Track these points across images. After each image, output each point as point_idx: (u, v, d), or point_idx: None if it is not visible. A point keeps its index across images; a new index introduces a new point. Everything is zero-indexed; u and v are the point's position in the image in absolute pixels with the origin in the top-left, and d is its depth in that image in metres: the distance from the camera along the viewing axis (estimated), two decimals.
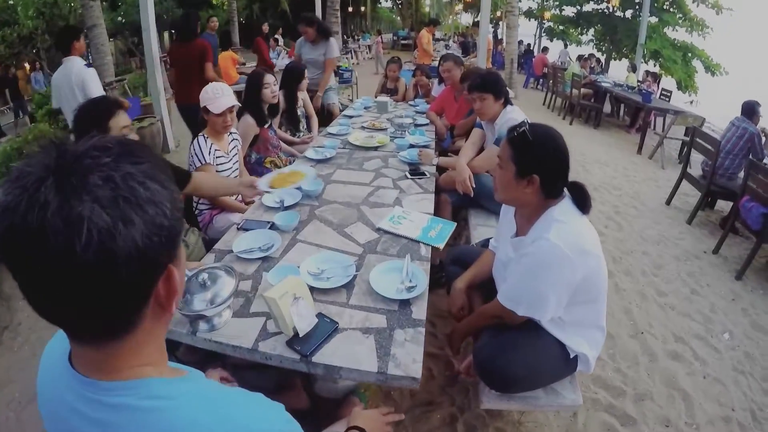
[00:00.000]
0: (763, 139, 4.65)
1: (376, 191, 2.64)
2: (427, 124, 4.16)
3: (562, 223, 1.47)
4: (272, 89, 3.17)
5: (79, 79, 3.50)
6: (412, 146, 3.36)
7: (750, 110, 4.66)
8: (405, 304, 1.59)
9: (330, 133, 3.71)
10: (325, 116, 4.69)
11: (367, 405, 1.82)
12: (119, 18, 14.73)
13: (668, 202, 5.42)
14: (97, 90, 3.58)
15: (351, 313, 1.56)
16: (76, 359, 0.61)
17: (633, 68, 10.59)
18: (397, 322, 1.51)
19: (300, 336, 1.41)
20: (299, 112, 3.90)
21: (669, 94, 9.10)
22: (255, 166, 3.22)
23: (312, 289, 1.61)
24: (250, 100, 3.15)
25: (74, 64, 3.55)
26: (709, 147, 4.66)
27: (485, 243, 2.39)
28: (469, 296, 1.97)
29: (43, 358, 0.72)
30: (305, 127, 4.03)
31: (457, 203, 3.07)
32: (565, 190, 1.58)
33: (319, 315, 1.51)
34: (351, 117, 4.31)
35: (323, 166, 2.98)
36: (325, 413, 1.58)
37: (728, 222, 4.24)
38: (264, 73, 3.22)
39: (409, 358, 1.35)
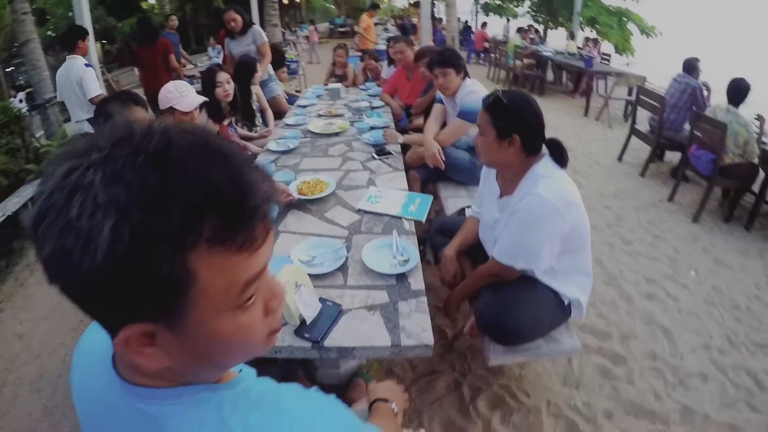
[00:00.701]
0: (705, 92, 5.01)
1: (347, 175, 2.65)
2: (382, 106, 4.18)
3: (547, 178, 1.58)
4: (225, 88, 3.11)
5: (78, 78, 3.72)
6: (372, 128, 3.39)
7: (690, 67, 5.03)
8: (401, 277, 1.62)
9: (288, 124, 3.67)
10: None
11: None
12: (49, 32, 13.88)
13: (620, 158, 5.72)
14: (94, 89, 3.77)
15: (351, 293, 1.57)
16: (117, 359, 0.56)
17: (572, 36, 10.97)
18: (399, 295, 1.53)
19: (307, 323, 1.41)
20: (254, 107, 3.83)
21: (609, 57, 9.51)
22: None
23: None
24: (205, 96, 3.07)
25: (76, 63, 3.77)
26: (655, 103, 4.98)
27: (461, 212, 2.51)
28: (459, 263, 2.04)
29: (80, 354, 0.67)
30: (261, 121, 3.95)
31: (426, 178, 3.13)
32: (544, 147, 1.69)
33: (322, 300, 1.51)
34: (305, 106, 4.26)
35: (288, 157, 2.96)
36: None
37: (679, 171, 4.55)
38: (217, 70, 3.13)
39: (418, 327, 1.38)
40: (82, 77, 3.73)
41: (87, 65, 3.83)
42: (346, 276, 1.67)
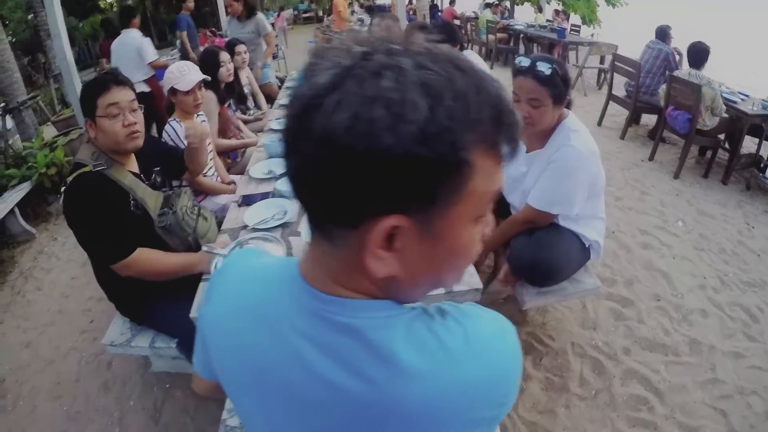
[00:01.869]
0: (677, 57, 5.29)
1: None
2: None
3: (577, 132, 1.76)
4: (227, 68, 3.15)
5: (136, 46, 4.65)
6: None
7: (663, 33, 5.35)
8: None
9: (282, 105, 3.72)
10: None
11: None
12: (9, 37, 13.34)
13: (599, 123, 6.04)
14: (152, 54, 4.74)
15: None
16: (312, 269, 0.55)
17: (539, 9, 11.20)
18: None
19: None
20: (246, 90, 3.88)
21: (579, 28, 9.79)
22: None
23: None
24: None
25: (132, 34, 4.70)
26: (631, 69, 5.26)
27: None
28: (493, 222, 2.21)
29: (215, 310, 0.65)
30: (254, 104, 4.01)
31: None
32: None
33: None
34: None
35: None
36: None
37: (657, 132, 4.85)
38: (218, 50, 3.18)
39: (466, 273, 1.47)
40: (141, 45, 4.67)
41: (143, 36, 4.77)
42: None
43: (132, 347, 1.93)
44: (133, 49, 4.68)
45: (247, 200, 2.18)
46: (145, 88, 4.66)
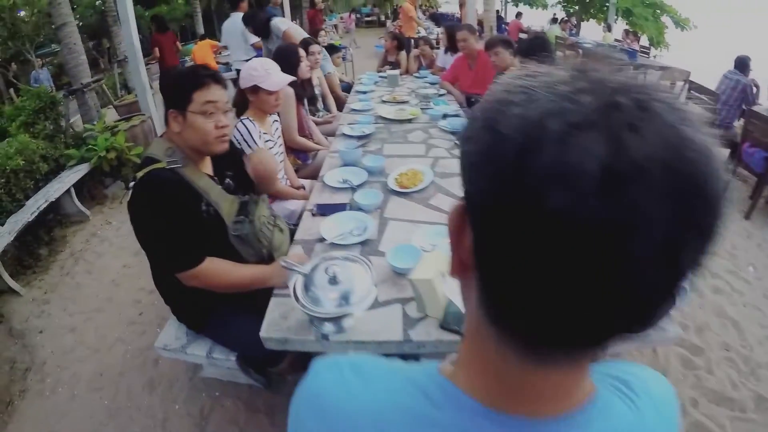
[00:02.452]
0: (754, 89, 5.01)
1: (436, 162, 2.60)
2: (445, 94, 4.12)
3: None
4: (306, 64, 3.05)
5: (241, 28, 5.07)
6: (446, 116, 3.34)
7: (742, 64, 5.08)
8: None
9: (354, 110, 3.62)
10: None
11: None
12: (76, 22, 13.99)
13: None
14: (253, 36, 5.06)
15: None
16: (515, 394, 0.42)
17: (608, 28, 10.83)
18: None
19: (456, 314, 1.35)
20: (316, 92, 3.77)
21: (648, 50, 9.38)
22: (297, 151, 3.10)
23: None
24: None
25: (238, 17, 5.15)
26: (707, 99, 5.03)
27: None
28: None
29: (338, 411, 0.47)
30: (323, 106, 3.90)
31: None
32: None
33: None
34: (365, 92, 4.22)
35: (366, 142, 2.91)
36: None
37: (731, 168, 4.47)
38: (297, 47, 3.07)
39: None
40: (244, 28, 5.05)
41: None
42: None
43: (187, 354, 1.80)
44: (238, 30, 5.16)
45: (323, 210, 2.04)
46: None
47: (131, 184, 1.50)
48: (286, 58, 2.91)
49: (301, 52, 3.05)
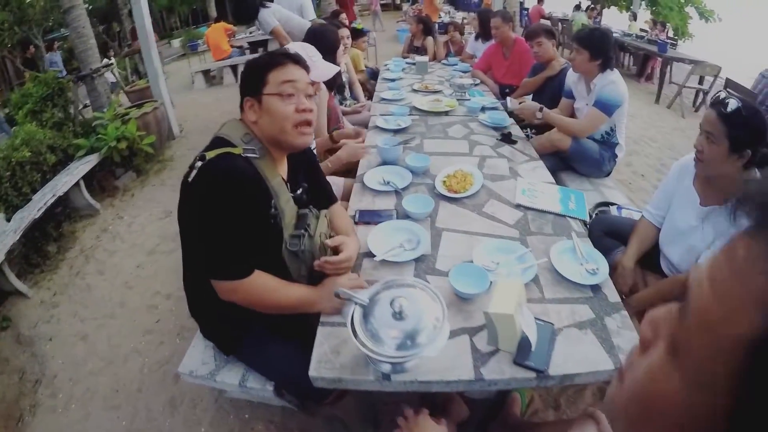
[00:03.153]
0: None
1: (483, 162, 2.37)
2: (478, 84, 3.86)
3: None
4: (345, 43, 2.78)
5: (300, 3, 4.67)
6: (484, 108, 3.11)
7: None
8: (595, 288, 1.46)
9: (385, 99, 3.37)
10: None
11: (525, 399, 1.83)
12: (84, 5, 13.69)
13: None
14: (312, 12, 4.76)
15: (554, 308, 1.38)
16: None
17: (634, 17, 10.45)
18: (602, 309, 1.38)
19: (532, 349, 1.18)
20: (343, 78, 3.50)
21: (675, 42, 9.01)
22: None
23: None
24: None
25: None
26: (742, 97, 4.69)
27: (597, 207, 2.48)
28: (642, 276, 1.94)
29: None
30: (350, 94, 3.65)
31: (550, 168, 2.85)
32: None
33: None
34: (393, 80, 3.96)
35: (403, 136, 2.66)
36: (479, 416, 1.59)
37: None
38: (335, 28, 2.78)
39: (629, 343, 1.24)
40: (303, 3, 4.69)
41: None
42: (540, 286, 1.47)
43: (216, 382, 1.57)
44: (296, 5, 4.73)
45: (366, 217, 1.81)
46: None
47: (197, 163, 1.25)
48: (325, 42, 2.51)
49: (344, 31, 2.76)
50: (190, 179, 1.24)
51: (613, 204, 2.50)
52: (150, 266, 3.02)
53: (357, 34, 4.73)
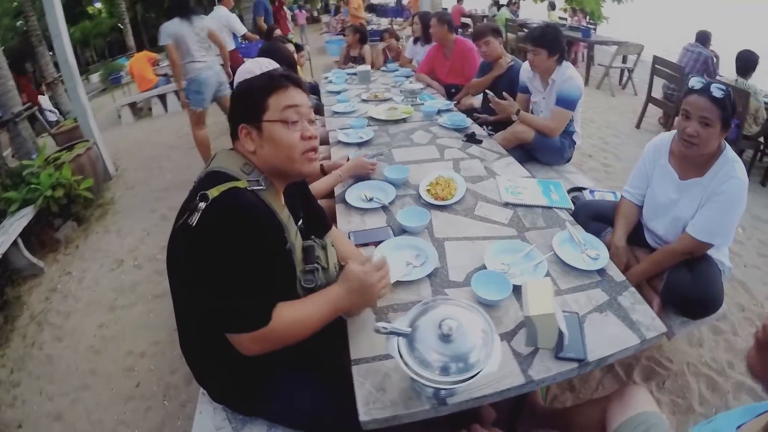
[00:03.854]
0: (715, 60, 5.38)
1: (458, 165, 2.35)
2: (425, 87, 3.85)
3: (738, 162, 1.74)
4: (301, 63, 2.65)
5: (226, 19, 5.32)
6: (439, 111, 3.13)
7: (704, 37, 5.49)
8: (601, 271, 1.54)
9: (337, 112, 3.28)
10: None
11: (545, 393, 1.91)
12: None
13: (638, 125, 5.78)
14: (241, 28, 5.49)
15: (572, 298, 1.43)
16: None
17: (552, 6, 10.93)
18: (613, 290, 1.45)
19: (566, 342, 1.19)
20: None
21: (594, 26, 9.51)
22: None
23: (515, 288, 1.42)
24: None
25: (223, 10, 5.40)
26: (674, 73, 5.17)
27: (573, 193, 2.54)
28: (632, 252, 2.03)
29: None
30: None
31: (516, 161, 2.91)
32: None
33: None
34: (338, 92, 3.88)
35: (369, 149, 2.58)
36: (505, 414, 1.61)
37: None
38: (285, 46, 2.65)
39: (647, 318, 1.33)
40: (230, 19, 5.39)
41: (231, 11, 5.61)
42: (553, 280, 1.49)
43: None
44: (224, 20, 5.27)
45: (362, 238, 1.72)
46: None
47: (199, 204, 1.07)
48: (282, 60, 2.33)
49: (292, 49, 2.64)
50: (193, 223, 1.06)
51: (584, 188, 2.55)
52: (113, 324, 2.75)
53: (296, 49, 4.62)
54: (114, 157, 5.56)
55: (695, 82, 1.73)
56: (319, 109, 3.71)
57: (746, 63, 4.23)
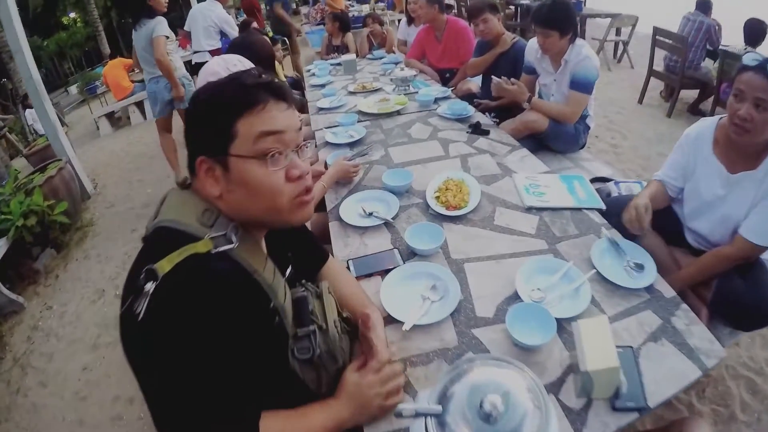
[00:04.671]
0: (717, 28, 5.06)
1: (466, 162, 2.07)
2: (417, 74, 3.55)
3: None
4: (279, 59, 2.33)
5: (221, 17, 4.78)
6: (436, 100, 2.84)
7: (705, 5, 5.15)
8: (649, 288, 1.29)
9: (323, 109, 2.99)
10: None
11: None
12: None
13: (640, 101, 5.52)
14: (233, 32, 4.77)
15: (621, 326, 1.17)
16: None
17: None
18: (665, 310, 1.22)
19: (623, 390, 0.98)
20: None
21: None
22: None
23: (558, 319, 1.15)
24: None
25: (217, 7, 4.81)
26: (676, 44, 4.89)
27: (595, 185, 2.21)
28: (669, 251, 1.80)
29: None
30: None
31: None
32: None
33: None
34: (323, 86, 3.57)
35: (361, 149, 2.26)
36: None
37: (711, 108, 4.54)
38: (264, 38, 2.31)
39: (705, 342, 1.12)
40: (226, 18, 4.84)
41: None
42: (598, 305, 1.24)
43: None
44: (215, 18, 4.76)
45: (365, 268, 1.43)
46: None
47: (146, 285, 0.73)
48: (260, 54, 2.07)
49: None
50: (139, 313, 0.71)
51: (606, 179, 2.28)
52: (98, 366, 2.49)
53: (271, 42, 4.31)
54: (93, 173, 5.28)
55: (750, 58, 1.47)
56: (303, 107, 3.42)
57: (755, 32, 4.05)
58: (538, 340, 1.09)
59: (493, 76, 2.64)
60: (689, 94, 5.11)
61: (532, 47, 2.66)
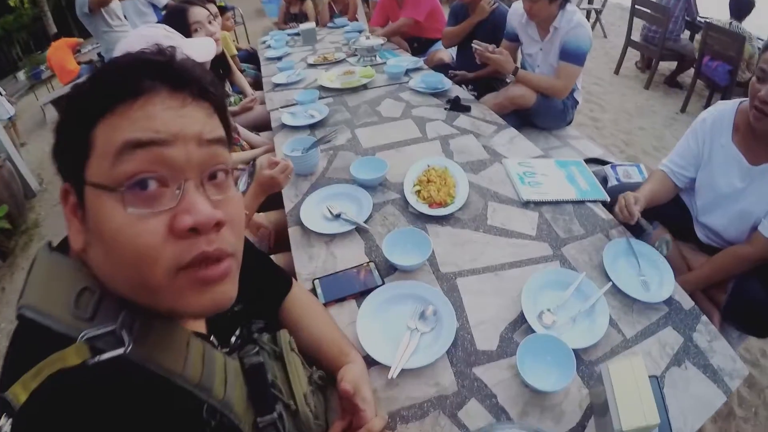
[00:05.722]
0: None
1: (447, 144, 1.81)
2: (384, 43, 3.25)
3: None
4: (208, 30, 1.92)
5: None
6: (408, 71, 2.57)
7: None
8: (667, 300, 1.14)
9: (279, 85, 2.64)
10: None
11: None
12: None
13: (617, 71, 5.44)
14: None
15: (641, 348, 1.02)
16: None
17: None
18: (685, 325, 1.08)
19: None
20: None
21: None
22: None
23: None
24: None
25: None
26: (656, 13, 4.75)
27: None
28: (679, 249, 1.66)
29: None
30: (233, 88, 2.88)
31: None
32: None
33: None
34: (279, 58, 3.21)
35: (324, 132, 1.97)
36: None
37: (692, 82, 4.44)
38: (187, 7, 1.90)
39: (728, 360, 1.02)
40: None
41: None
42: (615, 324, 1.06)
43: None
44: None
45: (335, 291, 1.15)
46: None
47: (0, 421, 0.43)
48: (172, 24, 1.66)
49: (198, 14, 1.88)
50: None
51: (601, 161, 2.08)
52: None
53: (221, 10, 3.87)
54: (39, 167, 4.88)
55: None
56: (258, 82, 3.07)
57: (741, 5, 3.96)
58: (556, 384, 0.89)
59: (475, 41, 2.36)
60: (665, 66, 5.06)
61: (516, 11, 2.41)
